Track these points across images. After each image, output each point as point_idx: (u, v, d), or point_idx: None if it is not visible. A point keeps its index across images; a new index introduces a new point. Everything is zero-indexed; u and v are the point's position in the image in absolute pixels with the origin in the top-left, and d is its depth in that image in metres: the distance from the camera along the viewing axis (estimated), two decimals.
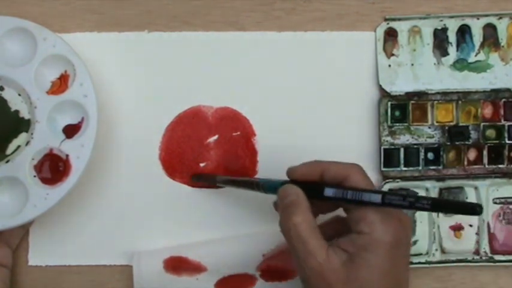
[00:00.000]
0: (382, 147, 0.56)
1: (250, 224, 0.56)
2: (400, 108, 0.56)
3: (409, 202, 0.41)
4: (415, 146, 0.56)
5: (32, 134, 0.52)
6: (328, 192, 0.44)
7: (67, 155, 0.52)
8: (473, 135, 0.56)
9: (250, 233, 0.55)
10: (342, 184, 0.44)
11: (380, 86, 0.56)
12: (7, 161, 0.52)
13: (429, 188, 0.56)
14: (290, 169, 0.47)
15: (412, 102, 0.56)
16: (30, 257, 0.55)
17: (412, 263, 0.55)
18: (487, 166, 0.56)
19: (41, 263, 0.56)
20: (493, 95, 0.56)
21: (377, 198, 0.42)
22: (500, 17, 0.56)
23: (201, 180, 0.56)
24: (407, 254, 0.45)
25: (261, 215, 0.56)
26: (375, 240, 0.42)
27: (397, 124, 0.56)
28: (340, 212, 0.47)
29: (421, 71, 0.56)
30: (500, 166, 0.56)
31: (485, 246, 0.56)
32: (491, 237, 0.56)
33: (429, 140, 0.56)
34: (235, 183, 0.53)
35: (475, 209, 0.38)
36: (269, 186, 0.48)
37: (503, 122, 0.56)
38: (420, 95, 0.56)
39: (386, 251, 0.42)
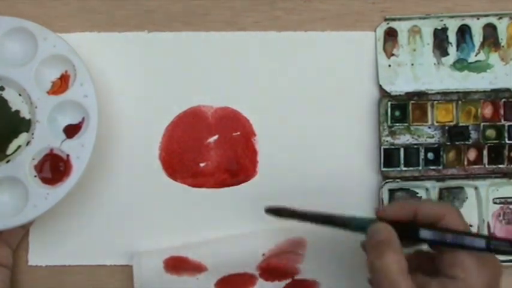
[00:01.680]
0: (382, 147, 0.56)
1: (250, 224, 0.56)
2: (400, 108, 0.56)
3: None
4: (415, 146, 0.56)
5: (32, 134, 0.52)
6: (424, 234, 0.43)
7: (67, 155, 0.52)
8: (473, 135, 0.56)
9: (250, 232, 0.55)
10: (436, 225, 0.43)
11: (380, 86, 0.56)
12: (7, 161, 0.52)
13: (429, 188, 0.56)
14: (380, 209, 0.47)
15: (412, 102, 0.56)
16: (30, 257, 0.56)
17: None
18: (487, 166, 0.56)
19: (41, 263, 0.56)
20: (493, 95, 0.56)
21: (481, 243, 0.41)
22: (500, 17, 0.56)
23: (275, 214, 0.50)
24: None
25: (261, 214, 0.55)
26: (469, 286, 0.41)
27: (397, 124, 0.56)
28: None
29: (421, 71, 0.56)
30: (500, 166, 0.56)
31: None
32: (491, 237, 0.56)
33: (429, 140, 0.56)
34: (316, 219, 0.49)
35: None
36: (357, 224, 0.46)
37: (503, 122, 0.56)
38: (420, 95, 0.56)
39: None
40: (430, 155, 0.56)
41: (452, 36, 0.56)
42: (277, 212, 0.50)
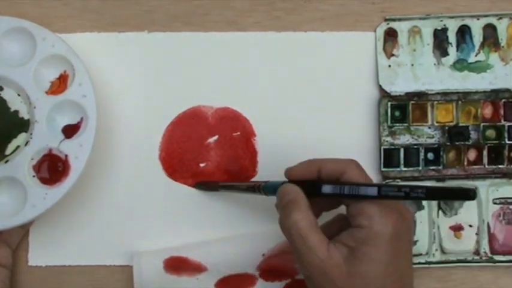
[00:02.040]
0: (382, 147, 0.56)
1: (250, 224, 0.56)
2: (400, 109, 0.56)
3: (404, 192, 0.41)
4: (415, 146, 0.56)
5: (31, 134, 0.52)
6: (326, 189, 0.44)
7: (66, 155, 0.51)
8: (473, 135, 0.56)
9: (250, 232, 0.55)
10: (339, 180, 0.45)
11: (380, 86, 0.56)
12: (6, 161, 0.52)
13: None
14: (287, 170, 0.48)
15: (412, 102, 0.56)
16: (30, 257, 0.55)
17: (412, 263, 0.55)
18: (487, 166, 0.56)
19: (41, 263, 0.55)
20: (493, 95, 0.56)
21: (373, 191, 0.42)
22: (500, 17, 0.56)
23: (203, 187, 0.56)
24: (409, 248, 0.46)
25: (260, 215, 0.56)
26: (375, 233, 0.43)
27: (397, 124, 0.56)
28: (342, 210, 0.47)
29: (421, 71, 0.56)
30: (500, 166, 0.56)
31: (485, 247, 0.56)
32: (491, 237, 0.56)
33: (429, 140, 0.56)
34: (236, 188, 0.54)
35: (468, 194, 0.39)
36: (269, 188, 0.49)
37: (503, 122, 0.56)
38: (420, 95, 0.56)
39: (387, 243, 0.43)
40: (430, 155, 0.56)
41: (452, 37, 0.57)
42: (204, 185, 0.55)
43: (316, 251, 0.43)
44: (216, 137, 0.56)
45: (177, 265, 0.54)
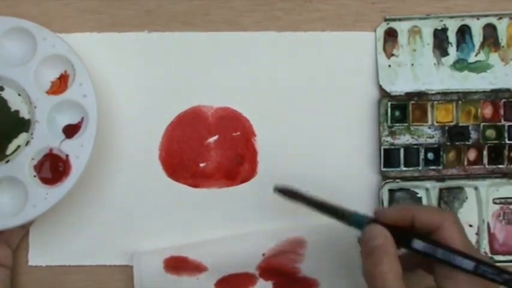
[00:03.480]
0: (382, 147, 0.56)
1: (250, 224, 0.56)
2: (400, 108, 0.56)
3: (503, 279, 0.39)
4: (415, 146, 0.56)
5: (31, 134, 0.52)
6: (417, 245, 0.42)
7: (67, 155, 0.52)
8: (473, 135, 0.56)
9: (250, 232, 0.55)
10: (434, 234, 0.43)
11: (380, 86, 0.56)
12: (7, 161, 0.52)
13: (429, 188, 0.56)
14: (378, 210, 0.46)
15: (412, 102, 0.56)
16: (30, 257, 0.55)
17: None
18: (487, 166, 0.56)
19: (41, 263, 0.55)
20: (493, 95, 0.56)
21: (469, 265, 0.40)
22: (500, 17, 0.56)
23: (283, 194, 0.50)
24: None
25: (261, 214, 0.56)
26: None
27: (397, 124, 0.56)
28: None
29: (421, 71, 0.56)
30: (500, 166, 0.56)
31: (485, 247, 0.56)
32: (491, 237, 0.56)
33: (429, 140, 0.56)
34: (317, 206, 0.48)
35: None
36: (355, 219, 0.46)
37: (503, 122, 0.56)
38: (420, 95, 0.56)
39: None
40: (430, 155, 0.56)
41: (452, 37, 0.56)
42: (284, 192, 0.49)
43: None
44: (216, 137, 0.56)
45: (177, 265, 0.54)
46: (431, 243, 0.42)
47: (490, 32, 0.56)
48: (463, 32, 0.57)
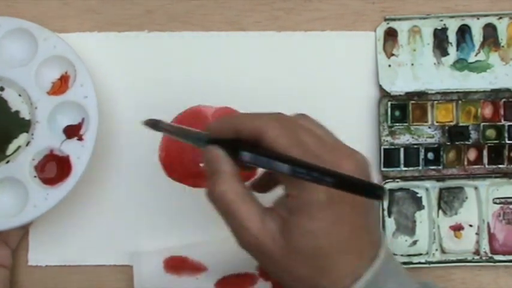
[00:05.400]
0: (382, 147, 0.56)
1: None
2: (400, 108, 0.56)
3: (312, 177, 0.37)
4: (415, 146, 0.56)
5: (32, 134, 0.52)
6: (244, 157, 0.40)
7: (67, 156, 0.52)
8: (473, 135, 0.56)
9: None
10: (261, 142, 0.40)
11: (380, 86, 0.56)
12: (7, 162, 0.52)
13: (429, 188, 0.56)
14: (210, 126, 0.43)
15: (412, 102, 0.56)
16: (30, 257, 0.55)
17: (412, 263, 0.55)
18: (487, 166, 0.56)
19: (41, 263, 0.56)
20: (493, 95, 0.56)
21: (286, 168, 0.38)
22: (500, 17, 0.56)
23: (149, 126, 0.47)
24: (356, 208, 0.39)
25: None
26: (305, 203, 0.38)
27: (397, 124, 0.56)
28: None
29: (421, 71, 0.56)
30: (500, 166, 0.56)
31: (485, 246, 0.56)
32: (491, 237, 0.56)
33: (429, 140, 0.56)
34: (176, 132, 0.47)
35: (377, 193, 0.35)
36: (198, 139, 0.44)
37: (503, 122, 0.56)
38: (420, 95, 0.56)
39: (323, 213, 0.38)
40: (430, 155, 0.56)
41: (452, 36, 0.56)
42: (150, 124, 0.47)
43: (248, 226, 0.39)
44: None
45: (177, 265, 0.54)
46: (255, 152, 0.39)
47: (490, 32, 0.56)
48: (463, 31, 0.56)
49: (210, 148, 0.42)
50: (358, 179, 0.36)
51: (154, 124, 0.47)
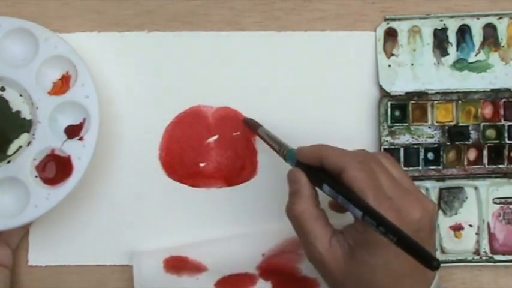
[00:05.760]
0: (382, 147, 0.56)
1: (250, 224, 0.56)
2: (400, 108, 0.56)
3: (379, 230, 0.39)
4: (415, 146, 0.56)
5: (33, 134, 0.52)
6: (325, 189, 0.44)
7: (68, 156, 0.52)
8: (473, 135, 0.56)
9: (250, 232, 0.56)
10: (341, 177, 0.43)
11: (380, 86, 0.56)
12: (8, 162, 0.52)
13: (429, 188, 0.56)
14: (298, 149, 0.47)
15: (412, 102, 0.56)
16: (30, 257, 0.56)
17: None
18: (487, 166, 0.56)
19: (41, 263, 0.56)
20: (493, 95, 0.56)
21: (358, 214, 0.41)
22: (500, 17, 0.56)
23: (248, 124, 0.55)
24: None
25: (261, 214, 0.56)
26: (369, 240, 0.42)
27: (397, 124, 0.56)
28: None
29: (421, 71, 0.56)
30: (500, 166, 0.56)
31: (485, 246, 0.56)
32: (491, 237, 0.56)
33: (429, 140, 0.56)
34: (268, 138, 0.52)
35: (432, 264, 0.36)
36: (289, 157, 0.49)
37: (503, 122, 0.56)
38: (420, 95, 0.56)
39: (383, 250, 0.42)
40: (430, 155, 0.56)
41: (452, 36, 0.56)
42: (249, 122, 0.55)
43: (316, 245, 0.44)
44: (216, 137, 0.56)
45: (177, 265, 0.54)
46: (335, 189, 0.43)
47: (490, 32, 0.56)
48: (463, 31, 0.56)
49: (296, 170, 0.46)
50: (419, 245, 0.37)
51: (253, 125, 0.54)
